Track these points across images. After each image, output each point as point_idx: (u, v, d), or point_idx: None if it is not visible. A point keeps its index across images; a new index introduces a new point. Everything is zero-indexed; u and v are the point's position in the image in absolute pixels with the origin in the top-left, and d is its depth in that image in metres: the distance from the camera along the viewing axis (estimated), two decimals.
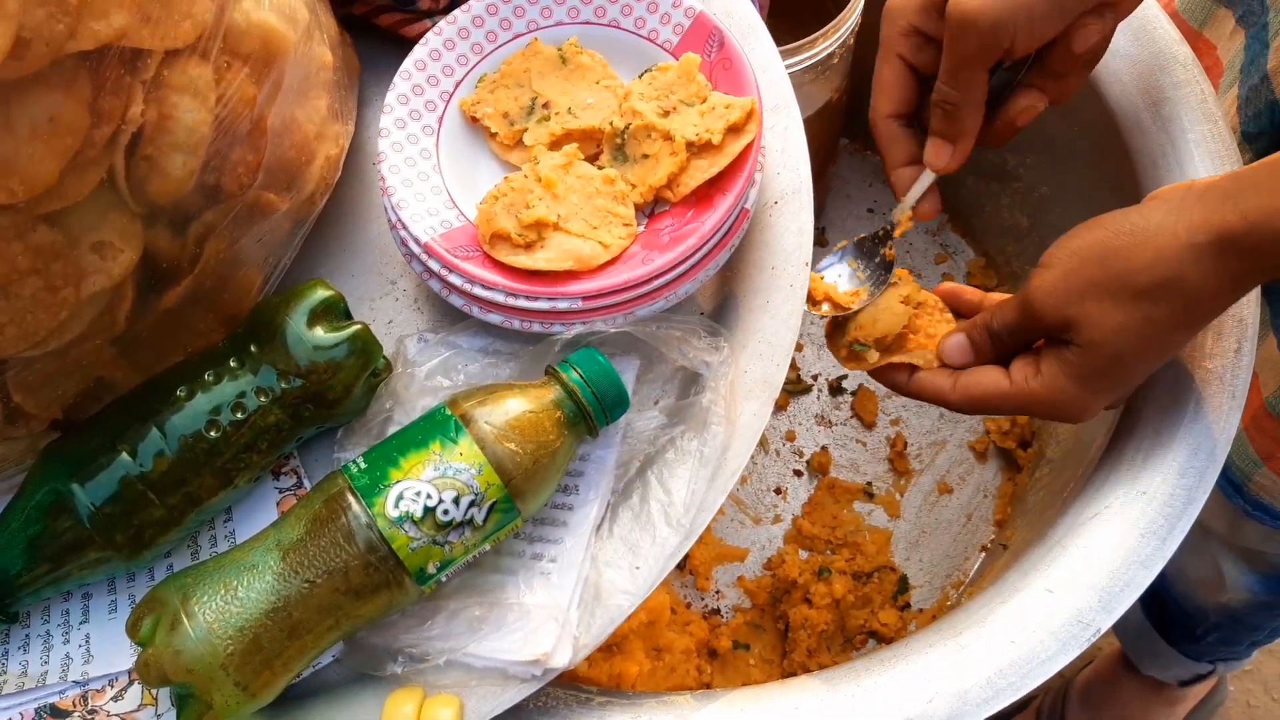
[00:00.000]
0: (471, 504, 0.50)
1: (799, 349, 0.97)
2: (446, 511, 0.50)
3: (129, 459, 0.51)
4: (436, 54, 0.62)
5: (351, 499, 0.50)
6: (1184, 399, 0.60)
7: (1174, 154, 0.68)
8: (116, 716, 0.52)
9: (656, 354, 0.59)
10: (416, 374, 0.57)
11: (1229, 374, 0.60)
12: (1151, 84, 0.71)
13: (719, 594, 0.85)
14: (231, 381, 0.54)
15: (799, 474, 0.90)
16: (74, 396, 0.53)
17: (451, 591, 0.54)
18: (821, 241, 1.00)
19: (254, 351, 0.54)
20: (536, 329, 0.57)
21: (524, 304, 0.56)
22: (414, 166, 0.59)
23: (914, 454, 0.88)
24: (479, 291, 0.56)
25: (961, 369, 0.58)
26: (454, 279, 0.56)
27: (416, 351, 0.60)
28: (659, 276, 0.56)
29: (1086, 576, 0.55)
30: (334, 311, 0.56)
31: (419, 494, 0.50)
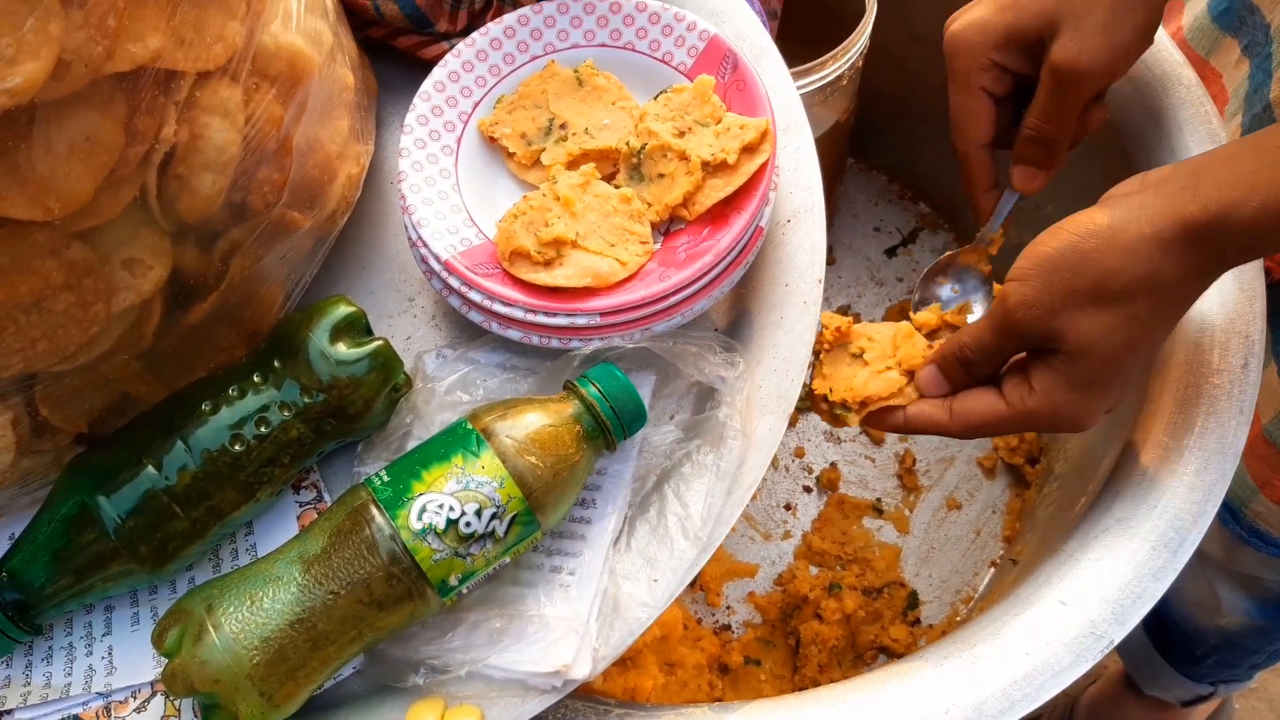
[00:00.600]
0: (493, 516, 0.51)
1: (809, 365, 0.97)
2: (469, 524, 0.50)
3: (154, 472, 0.52)
4: (455, 75, 0.63)
5: (375, 511, 0.50)
6: (1192, 415, 0.61)
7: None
8: None
9: (673, 369, 0.60)
10: (436, 389, 0.58)
11: (1236, 389, 0.61)
12: (1156, 104, 0.72)
13: (730, 610, 0.85)
14: (255, 396, 0.54)
15: (809, 490, 0.91)
16: (100, 411, 0.54)
17: (472, 604, 0.54)
18: (830, 260, 1.01)
19: (277, 367, 0.55)
20: (555, 344, 0.58)
21: (543, 320, 0.57)
22: (434, 185, 0.60)
23: (923, 470, 0.89)
24: (498, 308, 0.57)
25: (952, 396, 0.58)
26: (474, 295, 0.57)
27: (435, 367, 0.61)
28: (676, 293, 0.56)
29: (1098, 589, 0.56)
30: (355, 327, 0.57)
31: (442, 506, 0.50)
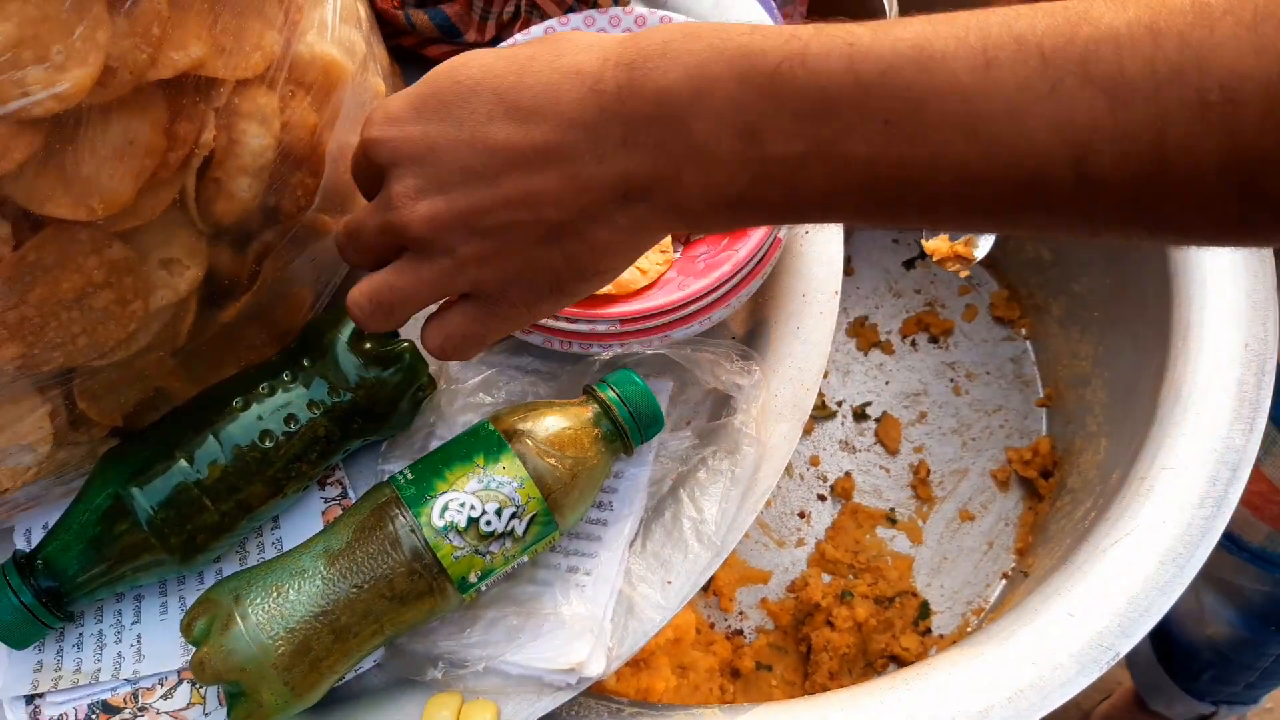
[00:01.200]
0: (513, 516, 0.52)
1: (825, 375, 0.99)
2: (489, 523, 0.52)
3: (186, 465, 0.54)
4: None
5: (399, 509, 0.52)
6: (1202, 429, 0.61)
7: None
8: (166, 714, 0.54)
9: (690, 376, 0.61)
10: (460, 390, 0.59)
11: (1247, 404, 0.61)
12: None
13: (742, 615, 0.86)
14: (285, 394, 0.56)
15: (823, 498, 0.92)
16: (134, 405, 0.56)
17: (490, 600, 0.56)
18: (849, 271, 1.02)
19: (306, 365, 0.57)
20: (575, 350, 0.59)
21: (564, 325, 0.58)
22: None
23: (936, 481, 0.90)
24: None
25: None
26: None
27: (459, 369, 0.62)
28: (694, 301, 0.58)
29: (1107, 602, 0.56)
30: None
31: (463, 505, 0.52)
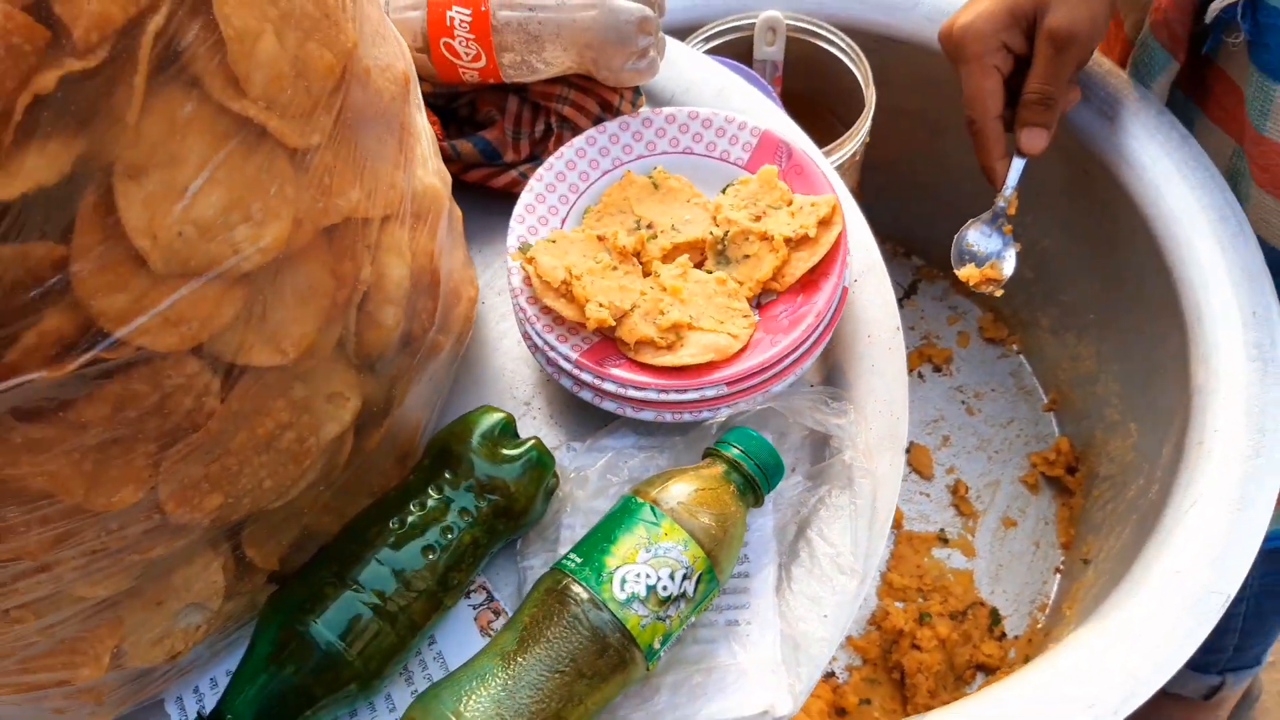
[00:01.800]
0: (684, 578, 0.55)
1: None
2: (665, 587, 0.55)
3: (358, 593, 0.55)
4: (541, 197, 0.70)
5: (578, 589, 0.54)
6: (1237, 391, 0.69)
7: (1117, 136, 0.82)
8: None
9: (785, 425, 0.65)
10: (590, 476, 0.63)
11: (1271, 365, 0.69)
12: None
13: (832, 658, 0.89)
14: (434, 509, 0.58)
15: None
16: (287, 547, 0.57)
17: (664, 669, 0.58)
18: None
19: (448, 478, 0.59)
20: (686, 418, 0.64)
21: (674, 397, 0.62)
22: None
23: (975, 496, 0.96)
24: (632, 393, 0.62)
25: None
26: (608, 385, 0.63)
27: (570, 459, 0.66)
28: (789, 355, 0.63)
29: (1205, 551, 0.63)
30: (508, 431, 0.61)
31: (639, 575, 0.55)
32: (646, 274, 0.67)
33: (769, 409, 0.64)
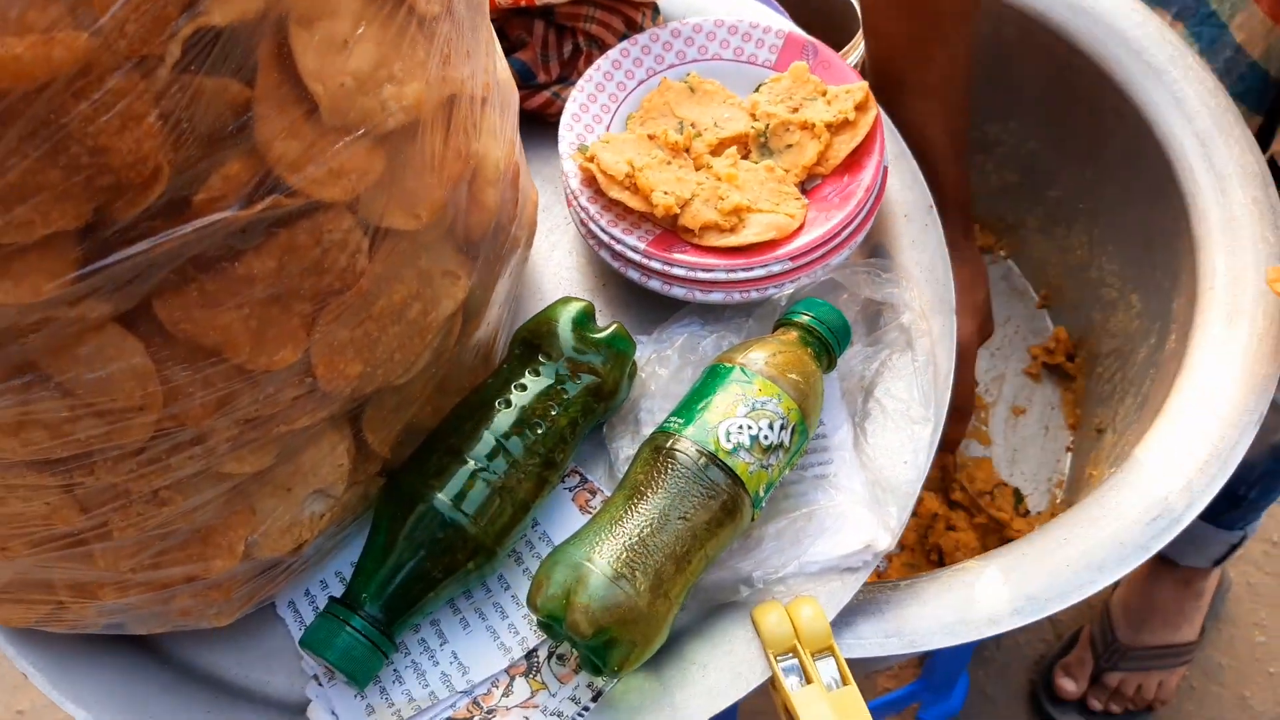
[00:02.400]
0: (782, 428, 0.59)
1: None
2: (766, 437, 0.58)
3: (477, 467, 0.57)
4: (585, 106, 0.72)
5: (687, 444, 0.57)
6: (1241, 238, 0.75)
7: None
8: (516, 709, 0.56)
9: (840, 301, 0.69)
10: (671, 355, 0.66)
11: (1268, 212, 0.76)
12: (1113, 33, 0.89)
13: None
14: (535, 393, 0.60)
15: None
16: (399, 435, 0.59)
17: (764, 520, 0.61)
18: None
19: (542, 363, 0.62)
20: (753, 296, 0.67)
21: (741, 275, 0.66)
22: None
23: (983, 390, 1.02)
24: (700, 275, 0.66)
25: None
26: (677, 271, 0.66)
27: (640, 352, 0.68)
28: (845, 227, 0.67)
29: (1219, 406, 0.69)
30: (590, 316, 0.64)
31: (741, 427, 0.58)
32: (697, 168, 0.70)
33: (827, 283, 0.68)
